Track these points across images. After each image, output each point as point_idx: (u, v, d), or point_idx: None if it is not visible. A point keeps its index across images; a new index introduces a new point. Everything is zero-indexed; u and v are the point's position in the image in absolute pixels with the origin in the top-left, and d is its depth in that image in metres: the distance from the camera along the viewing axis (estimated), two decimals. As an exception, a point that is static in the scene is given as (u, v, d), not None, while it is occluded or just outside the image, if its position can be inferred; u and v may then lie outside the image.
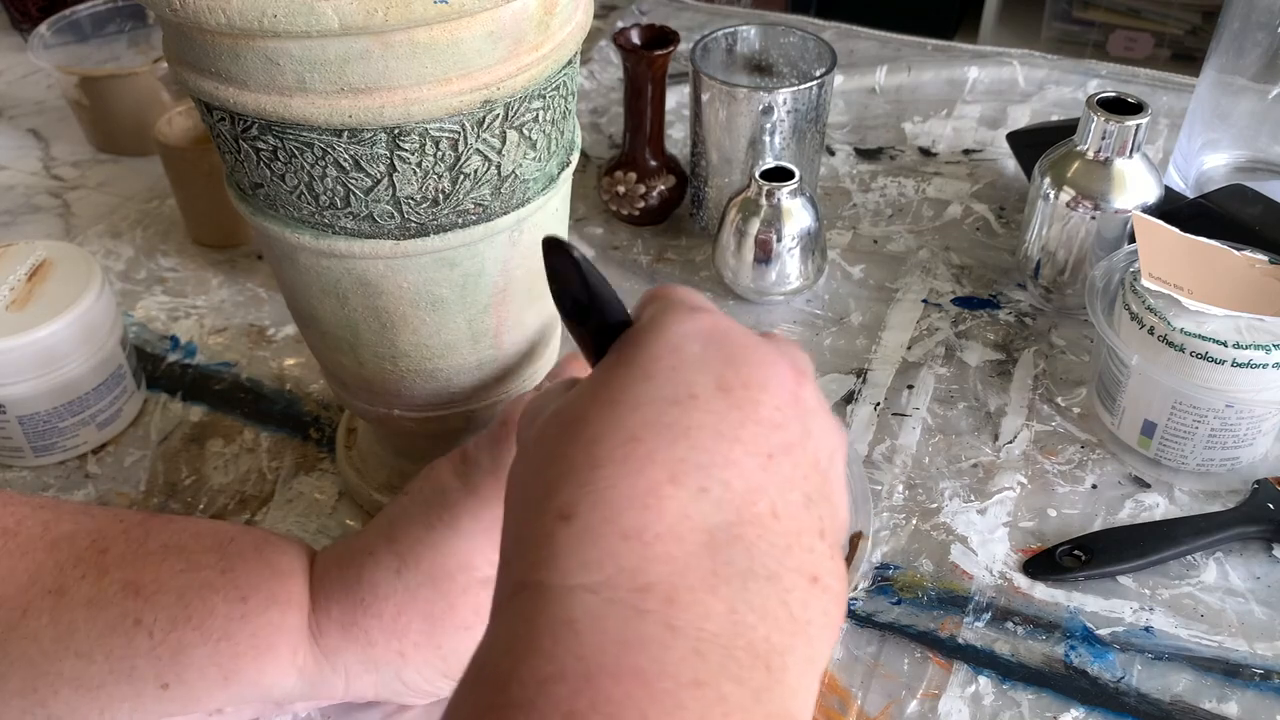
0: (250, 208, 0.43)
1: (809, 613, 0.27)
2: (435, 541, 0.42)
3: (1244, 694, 0.47)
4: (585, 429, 0.27)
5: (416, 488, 0.44)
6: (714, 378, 0.28)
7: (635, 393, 0.28)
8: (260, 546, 0.43)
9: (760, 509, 0.27)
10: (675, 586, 0.25)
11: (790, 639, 0.26)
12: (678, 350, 0.29)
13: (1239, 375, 0.53)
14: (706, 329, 0.30)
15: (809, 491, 0.28)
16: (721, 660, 0.24)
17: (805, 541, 0.27)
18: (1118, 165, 0.62)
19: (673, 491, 0.26)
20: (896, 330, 0.67)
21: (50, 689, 0.39)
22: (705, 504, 0.26)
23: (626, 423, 0.27)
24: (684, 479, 0.26)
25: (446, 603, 0.42)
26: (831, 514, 0.29)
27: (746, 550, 0.26)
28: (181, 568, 0.41)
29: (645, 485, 0.26)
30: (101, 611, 0.40)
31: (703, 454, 0.26)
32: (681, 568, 0.25)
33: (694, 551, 0.25)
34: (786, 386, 0.29)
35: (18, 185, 0.82)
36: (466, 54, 0.37)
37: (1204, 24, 2.06)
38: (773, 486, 0.27)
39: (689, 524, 0.26)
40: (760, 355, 0.29)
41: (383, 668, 0.42)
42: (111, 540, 0.41)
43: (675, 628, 0.24)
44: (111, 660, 0.40)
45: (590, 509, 0.26)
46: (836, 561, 0.29)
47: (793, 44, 0.73)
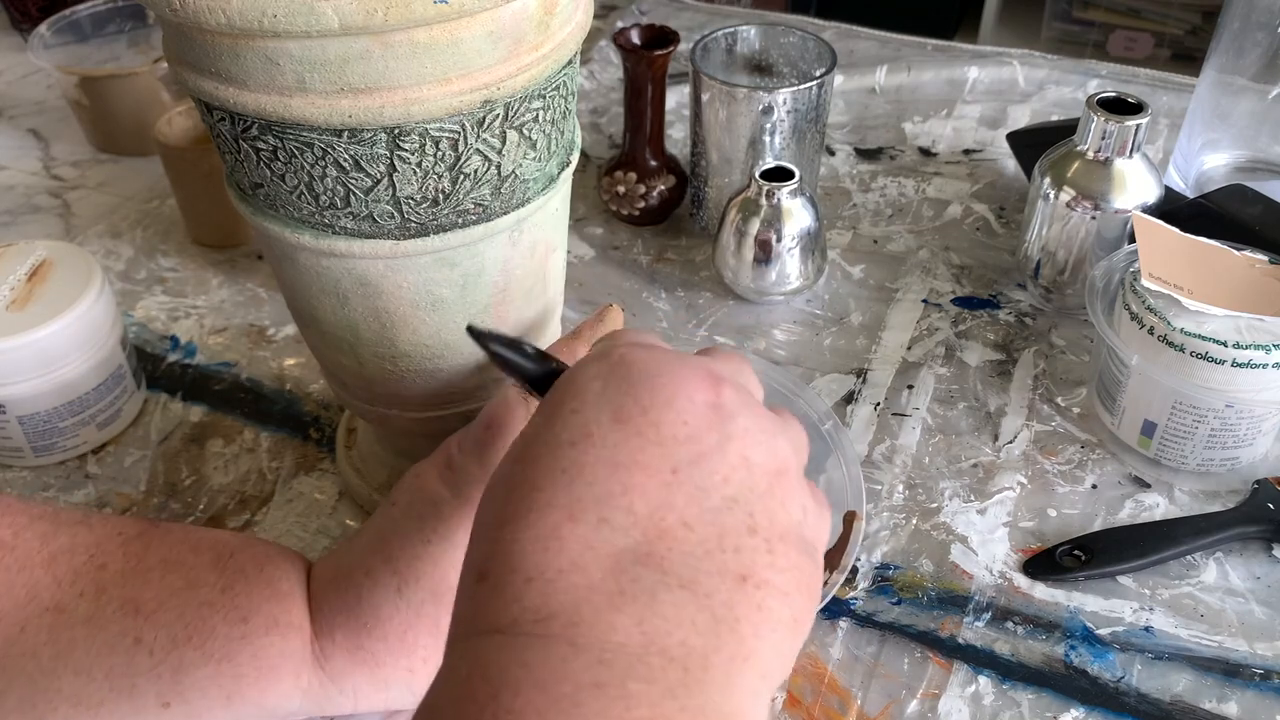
0: (250, 208, 0.43)
1: (736, 611, 0.28)
2: (433, 556, 0.42)
3: (1244, 694, 0.47)
4: (499, 487, 0.30)
5: (405, 500, 0.43)
6: (611, 411, 0.30)
7: (537, 444, 0.30)
8: (260, 564, 0.43)
9: (669, 523, 0.28)
10: (579, 611, 0.26)
11: (714, 640, 0.27)
12: (579, 393, 0.30)
13: (1239, 375, 0.53)
14: (612, 365, 0.31)
15: (730, 494, 0.29)
16: (628, 665, 0.26)
17: (728, 543, 0.29)
18: (1118, 165, 0.62)
19: (571, 529, 0.28)
20: (896, 330, 0.67)
21: (49, 706, 0.39)
22: (606, 532, 0.28)
23: (529, 474, 0.29)
24: (581, 515, 0.28)
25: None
26: (770, 508, 0.30)
27: (658, 565, 0.27)
28: (181, 585, 0.41)
29: (545, 530, 0.28)
30: (101, 630, 0.39)
31: (599, 487, 0.28)
32: (585, 594, 0.27)
33: (599, 578, 0.27)
34: (695, 399, 0.30)
35: (18, 185, 0.82)
36: (466, 54, 0.37)
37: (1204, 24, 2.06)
38: (680, 499, 0.29)
39: (592, 554, 0.27)
40: (665, 378, 0.30)
41: (393, 685, 0.42)
42: (110, 555, 0.41)
43: (577, 645, 0.26)
44: (111, 678, 0.39)
45: (499, 564, 0.28)
46: (781, 554, 0.29)
47: (793, 44, 0.73)
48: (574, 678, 0.25)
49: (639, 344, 0.33)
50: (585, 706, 0.25)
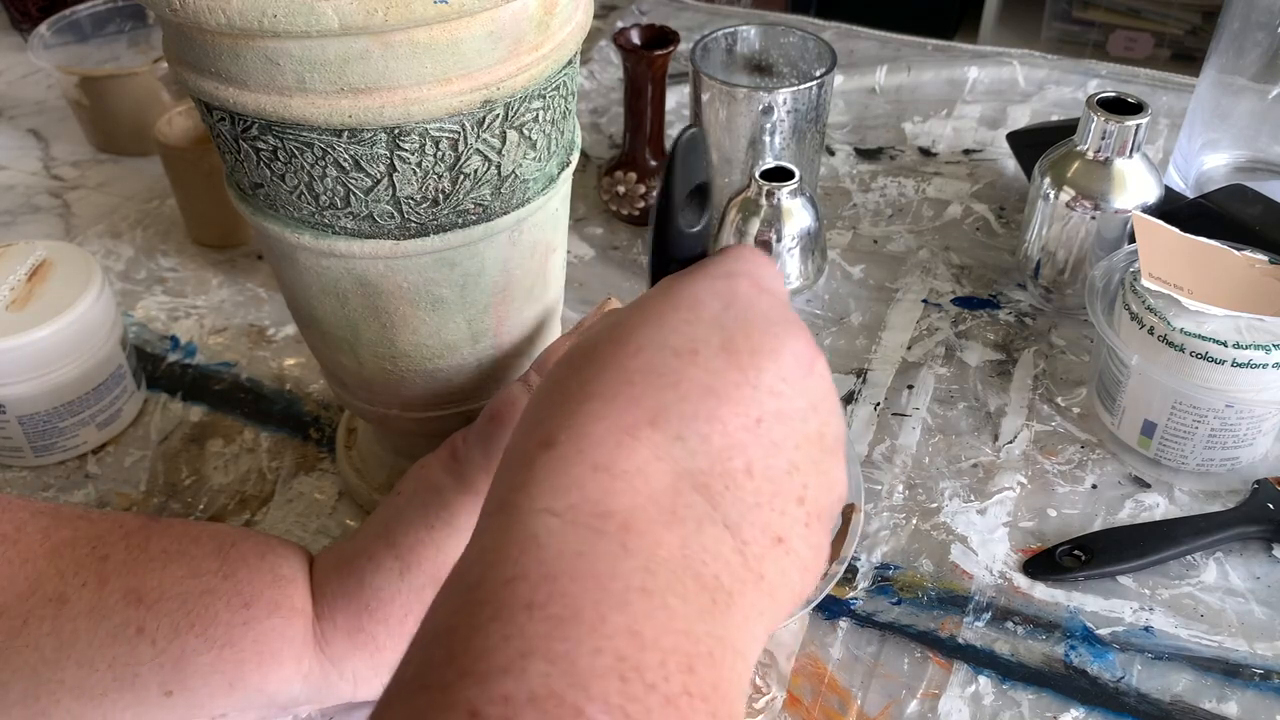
0: (250, 208, 0.43)
1: (764, 566, 0.29)
2: (436, 541, 0.42)
3: (1244, 694, 0.47)
4: (589, 364, 0.29)
5: (409, 488, 0.44)
6: (722, 338, 0.30)
7: (642, 337, 0.30)
8: (262, 552, 0.43)
9: (734, 464, 0.28)
10: (633, 516, 0.27)
11: (740, 584, 0.28)
12: (697, 305, 0.30)
13: (1239, 375, 0.53)
14: (734, 291, 0.31)
15: (797, 460, 0.30)
16: (668, 580, 0.26)
17: (778, 504, 0.29)
18: (1118, 165, 0.62)
19: (649, 434, 0.28)
20: (896, 330, 0.67)
21: (52, 698, 0.39)
22: (678, 450, 0.28)
23: (626, 365, 0.29)
24: (664, 424, 0.28)
25: None
26: (821, 486, 0.31)
27: (712, 499, 0.28)
28: (183, 574, 0.41)
29: (625, 424, 0.28)
30: (103, 620, 0.40)
31: (687, 405, 0.28)
32: (642, 502, 0.27)
33: (658, 490, 0.27)
34: (799, 361, 0.30)
35: (18, 185, 0.82)
36: (466, 54, 0.37)
37: (1204, 24, 2.06)
38: (754, 448, 0.29)
39: (658, 465, 0.28)
40: (778, 327, 0.31)
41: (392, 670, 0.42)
42: (112, 547, 0.41)
43: (628, 548, 0.26)
44: (114, 668, 0.39)
45: (569, 439, 0.28)
46: (813, 531, 0.30)
47: (793, 44, 0.73)
48: (624, 578, 0.25)
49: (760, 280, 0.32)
50: (634, 606, 0.25)
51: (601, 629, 0.24)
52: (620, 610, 0.25)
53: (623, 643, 0.24)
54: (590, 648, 0.24)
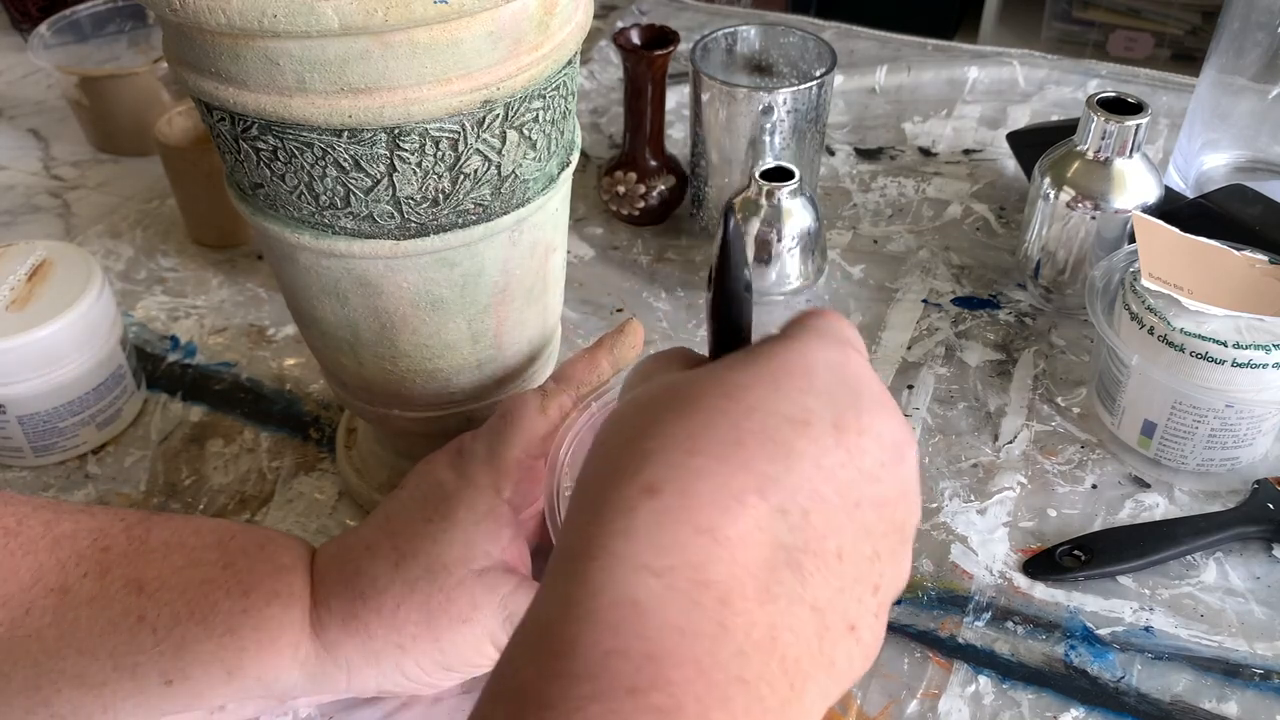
0: (250, 208, 0.43)
1: (836, 653, 0.28)
2: (433, 534, 0.42)
3: (1244, 694, 0.47)
4: (696, 413, 0.28)
5: (413, 483, 0.45)
6: (834, 413, 0.29)
7: (755, 398, 0.28)
8: (261, 543, 0.44)
9: (828, 547, 0.28)
10: (731, 591, 0.26)
11: (815, 669, 0.27)
12: (811, 373, 0.29)
13: (1239, 375, 0.53)
14: (844, 364, 0.30)
15: (880, 549, 0.29)
16: (760, 667, 0.26)
17: (857, 591, 0.29)
18: (1118, 165, 0.62)
19: (756, 503, 0.27)
20: (896, 330, 0.67)
21: (53, 687, 0.39)
22: (780, 524, 0.27)
23: (739, 424, 0.28)
24: (770, 495, 0.27)
25: (444, 596, 0.42)
26: (894, 575, 0.30)
27: (802, 579, 0.27)
28: (183, 564, 0.41)
29: (734, 489, 0.27)
30: (104, 609, 0.40)
31: (796, 478, 0.27)
32: (741, 574, 0.26)
33: (755, 563, 0.26)
34: (898, 447, 0.30)
35: (18, 185, 0.82)
36: (466, 54, 0.37)
37: (1204, 24, 2.06)
38: (848, 533, 0.28)
39: (759, 535, 0.27)
40: (885, 410, 0.30)
41: (383, 660, 0.42)
42: (113, 538, 0.41)
43: (726, 627, 0.25)
44: (115, 657, 0.40)
45: (676, 492, 0.26)
46: (879, 620, 0.30)
47: (793, 44, 0.73)
48: (724, 667, 0.25)
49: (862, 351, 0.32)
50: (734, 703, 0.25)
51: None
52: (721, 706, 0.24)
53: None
54: None
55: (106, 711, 0.40)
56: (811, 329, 0.31)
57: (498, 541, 0.43)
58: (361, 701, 0.46)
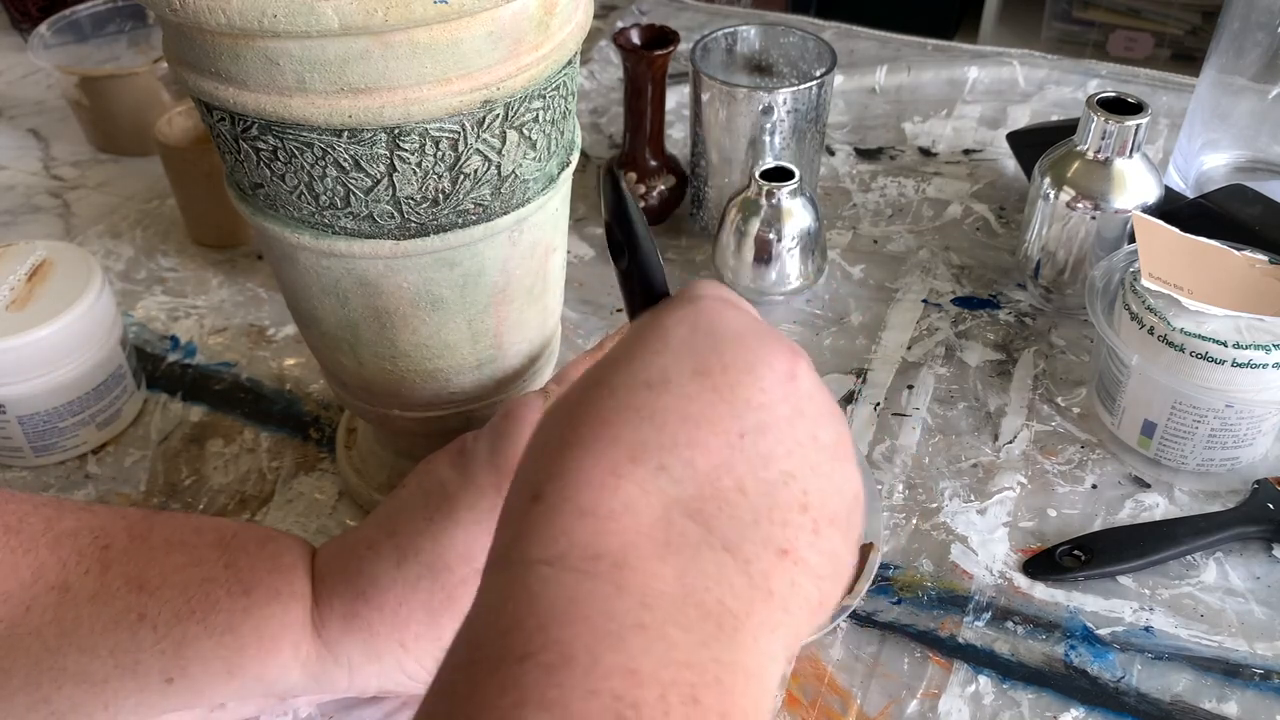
0: (250, 208, 0.43)
1: (771, 582, 0.28)
2: (434, 533, 0.42)
3: (1244, 694, 0.47)
4: (570, 414, 0.30)
5: (414, 482, 0.45)
6: (693, 363, 0.30)
7: (615, 377, 0.30)
8: (263, 541, 0.44)
9: (724, 484, 0.28)
10: (625, 555, 0.27)
11: (747, 604, 0.27)
12: (664, 335, 0.30)
13: (1239, 375, 0.53)
14: (700, 315, 0.31)
15: (791, 468, 0.29)
16: (668, 612, 0.26)
17: (778, 515, 0.29)
18: (1118, 165, 0.62)
19: (631, 470, 0.28)
20: (896, 330, 0.67)
21: (54, 685, 0.40)
22: (663, 480, 0.28)
23: (601, 406, 0.29)
24: (644, 458, 0.28)
25: (446, 594, 0.42)
26: (825, 490, 0.30)
27: (705, 523, 0.28)
28: (184, 562, 0.41)
29: (606, 465, 0.28)
30: (105, 606, 0.40)
31: (665, 435, 0.28)
32: (633, 539, 0.27)
33: (648, 524, 0.27)
34: (777, 369, 0.30)
35: (18, 185, 0.82)
36: (466, 54, 0.37)
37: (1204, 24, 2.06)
38: (741, 464, 0.29)
39: (645, 500, 0.27)
40: (750, 340, 0.30)
41: (385, 659, 0.42)
42: (114, 536, 0.41)
43: (622, 586, 0.26)
44: (116, 655, 0.40)
45: (554, 490, 0.28)
46: (823, 537, 0.30)
47: (793, 44, 0.73)
48: (619, 617, 0.26)
49: (727, 300, 0.32)
50: (629, 644, 0.25)
51: (595, 671, 0.24)
52: (615, 649, 0.25)
53: (618, 682, 0.24)
54: (584, 690, 0.24)
55: (107, 709, 0.40)
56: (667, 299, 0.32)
57: None
58: (362, 701, 0.47)
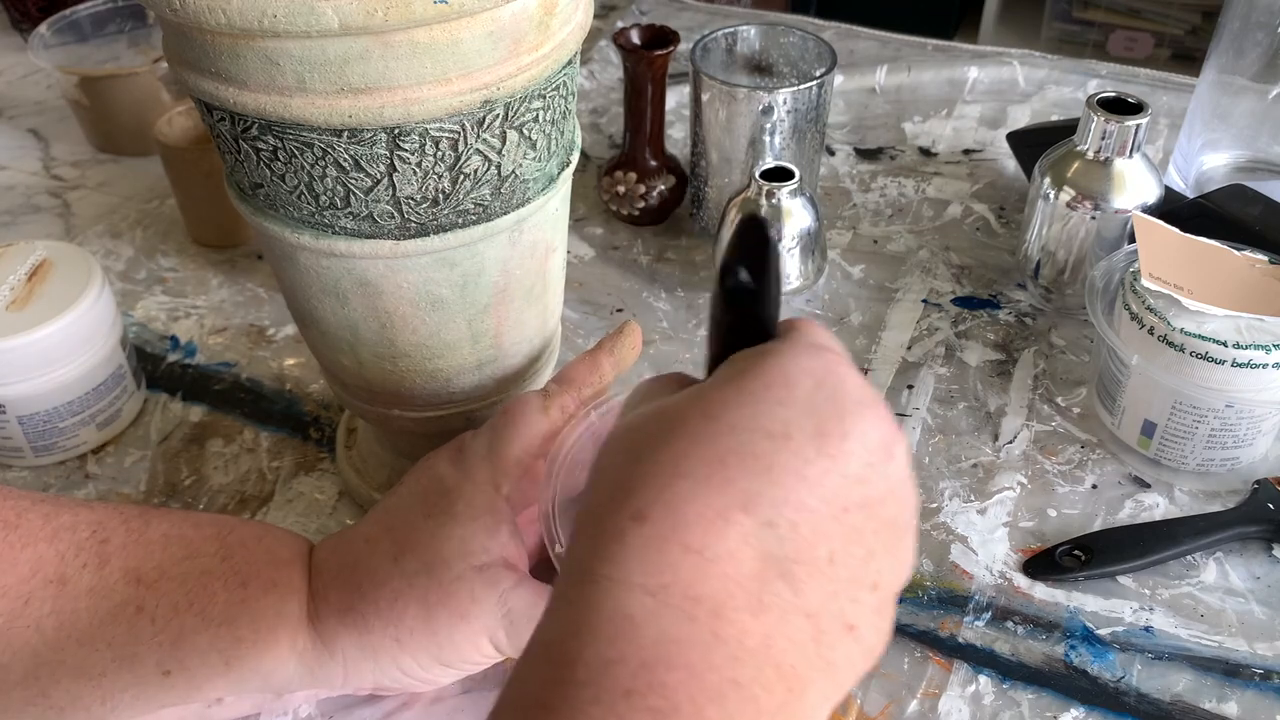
0: (250, 208, 0.43)
1: (835, 655, 0.29)
2: (432, 530, 0.42)
3: (1244, 694, 0.47)
4: (679, 438, 0.29)
5: (413, 479, 0.45)
6: (815, 422, 0.29)
7: (735, 415, 0.29)
8: (260, 535, 0.44)
9: (819, 554, 0.28)
10: (723, 604, 0.27)
11: (814, 672, 0.28)
12: (789, 384, 0.30)
13: (1239, 375, 0.53)
14: (823, 370, 0.30)
15: (874, 547, 0.30)
16: (754, 671, 0.27)
17: (853, 592, 0.29)
18: (1118, 165, 0.62)
19: (741, 519, 0.28)
20: (896, 330, 0.67)
21: (52, 678, 0.40)
22: (768, 537, 0.28)
23: (719, 443, 0.29)
24: (755, 510, 0.28)
25: (442, 591, 0.42)
26: (893, 569, 0.30)
27: (794, 588, 0.28)
28: (182, 555, 0.42)
29: (718, 507, 0.28)
30: (103, 600, 0.40)
31: (779, 491, 0.28)
32: (732, 588, 0.27)
33: (746, 576, 0.27)
34: (884, 446, 0.30)
35: (18, 185, 0.82)
36: (466, 54, 0.37)
37: (1204, 24, 2.06)
38: (838, 537, 0.29)
39: (748, 551, 0.28)
40: (870, 411, 0.30)
41: (380, 655, 0.42)
42: (112, 530, 0.42)
43: (719, 635, 0.27)
44: (114, 648, 0.40)
45: (662, 516, 0.28)
46: (881, 616, 0.30)
47: (793, 44, 0.73)
48: (718, 670, 0.26)
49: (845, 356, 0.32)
50: (727, 701, 0.26)
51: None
52: (715, 704, 0.25)
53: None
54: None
55: (105, 703, 0.40)
56: (788, 339, 0.31)
57: (496, 538, 0.43)
58: (361, 700, 0.47)
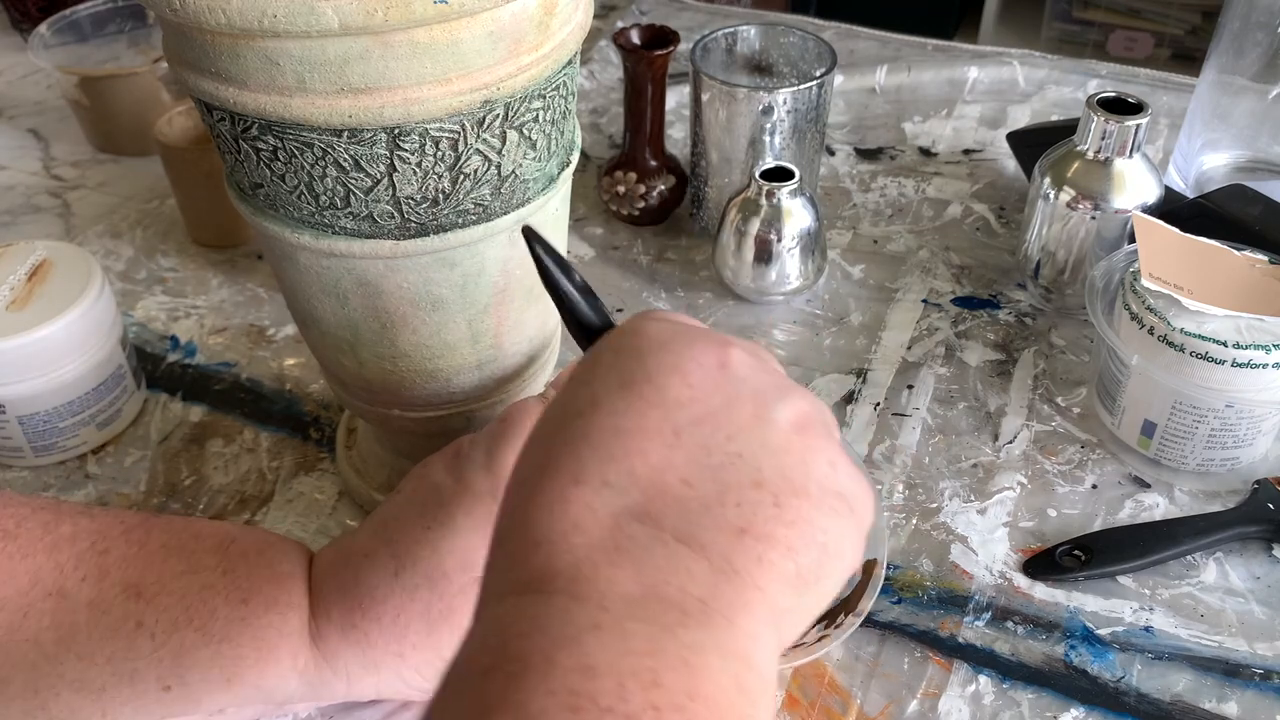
0: (250, 208, 0.43)
1: (735, 562, 0.29)
2: (432, 541, 0.42)
3: (1244, 694, 0.47)
4: (522, 464, 0.32)
5: (410, 487, 0.44)
6: (618, 378, 0.31)
7: (553, 412, 0.32)
8: (261, 548, 0.43)
9: (668, 481, 0.29)
10: (579, 569, 0.28)
11: (711, 588, 0.28)
12: (593, 364, 0.32)
13: (1239, 375, 0.53)
14: (623, 337, 0.32)
15: (736, 449, 0.30)
16: (625, 609, 0.27)
17: (730, 498, 0.29)
18: (1118, 165, 0.62)
19: (576, 492, 0.29)
20: (896, 330, 0.67)
21: (51, 692, 0.39)
22: (608, 494, 0.29)
23: (544, 447, 0.31)
24: (585, 478, 0.29)
25: (445, 604, 0.42)
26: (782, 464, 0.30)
27: (655, 522, 0.29)
28: (183, 569, 0.41)
29: (553, 494, 0.29)
30: (103, 614, 0.40)
31: (602, 451, 0.29)
32: (585, 553, 0.28)
33: (599, 537, 0.28)
34: (705, 363, 0.31)
35: (18, 185, 0.82)
36: (466, 54, 0.37)
37: (1204, 24, 2.06)
38: (681, 459, 0.29)
39: (592, 515, 0.29)
40: (673, 344, 0.31)
41: (383, 669, 0.42)
42: (112, 541, 0.41)
43: (578, 596, 0.27)
44: (113, 662, 0.40)
45: (515, 531, 0.30)
46: (786, 509, 0.30)
47: (793, 44, 0.73)
48: (575, 623, 0.27)
49: (654, 317, 0.33)
50: (585, 644, 0.26)
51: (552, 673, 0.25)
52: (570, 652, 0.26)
53: (573, 679, 0.25)
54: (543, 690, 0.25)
55: (104, 716, 0.40)
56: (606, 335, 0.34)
57: None
58: (360, 703, 0.46)
